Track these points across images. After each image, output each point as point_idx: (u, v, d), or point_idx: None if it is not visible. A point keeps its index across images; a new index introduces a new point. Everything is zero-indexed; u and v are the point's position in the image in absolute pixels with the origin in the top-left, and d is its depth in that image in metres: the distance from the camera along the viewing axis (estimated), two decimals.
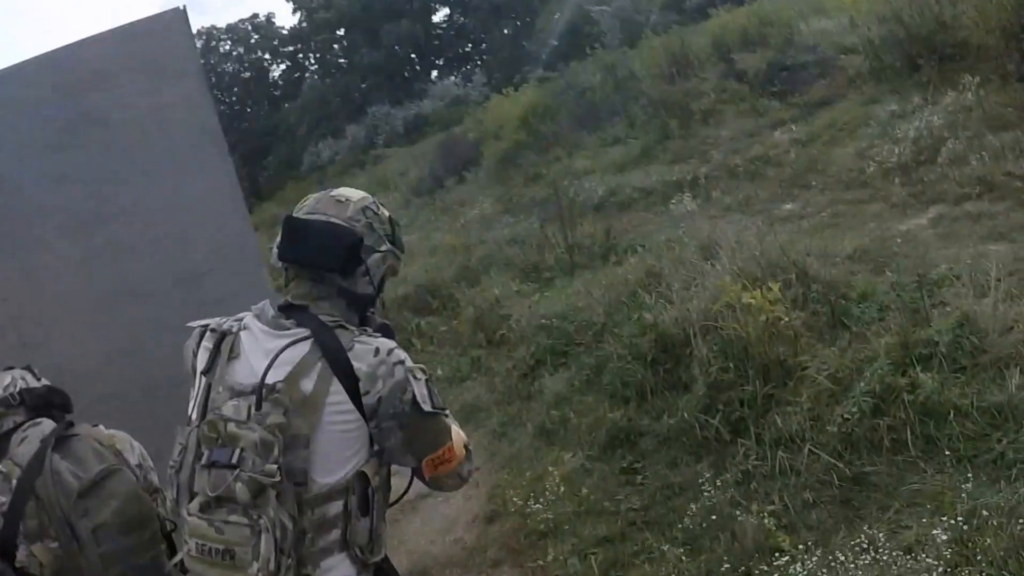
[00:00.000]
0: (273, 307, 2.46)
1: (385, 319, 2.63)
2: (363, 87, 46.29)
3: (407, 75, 47.77)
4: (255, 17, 52.89)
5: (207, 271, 4.86)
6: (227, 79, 52.14)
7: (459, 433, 2.62)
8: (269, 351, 2.32)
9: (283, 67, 53.61)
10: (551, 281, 10.14)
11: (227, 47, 53.05)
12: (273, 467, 2.15)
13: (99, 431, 3.06)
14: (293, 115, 47.33)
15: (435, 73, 48.26)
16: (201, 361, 2.45)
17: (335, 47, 49.87)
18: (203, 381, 2.42)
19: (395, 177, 23.99)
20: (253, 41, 52.94)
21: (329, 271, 2.44)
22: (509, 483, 6.45)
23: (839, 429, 5.05)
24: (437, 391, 2.46)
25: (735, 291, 5.99)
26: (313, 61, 52.16)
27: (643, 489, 5.69)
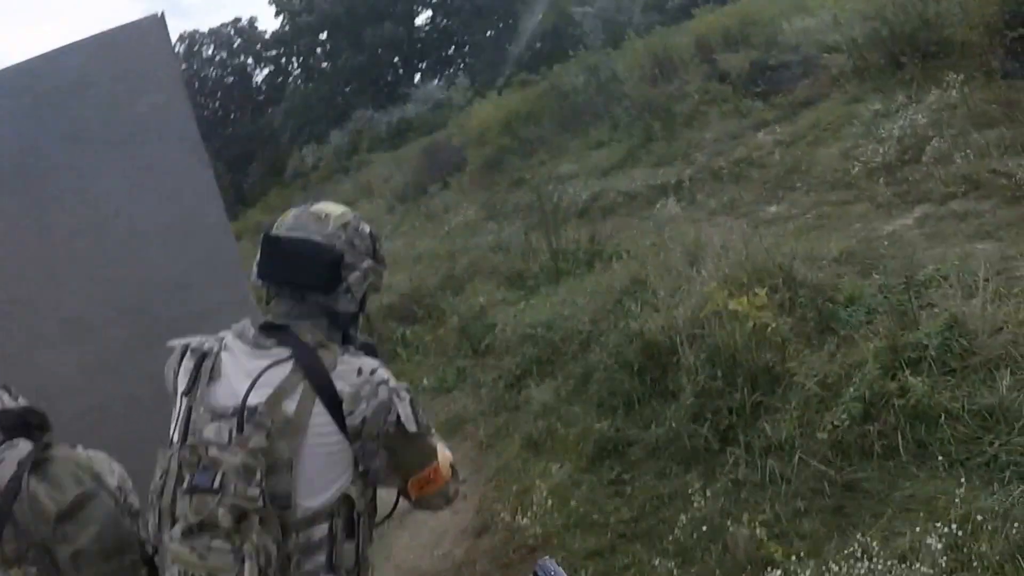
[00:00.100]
0: (254, 326, 2.42)
1: (369, 336, 2.60)
2: (346, 91, 46.36)
3: (390, 79, 47.86)
4: (238, 21, 53.11)
5: (189, 283, 4.79)
6: (210, 84, 52.25)
7: (445, 452, 2.61)
8: (250, 372, 2.29)
9: (266, 71, 53.75)
10: (536, 288, 10.12)
11: (210, 51, 53.18)
12: (256, 491, 2.12)
13: (77, 453, 3.00)
14: (276, 120, 47.44)
15: (418, 76, 48.36)
16: (182, 382, 2.41)
17: (318, 51, 49.87)
18: (184, 402, 2.38)
19: (379, 183, 24.00)
20: (236, 45, 53.05)
21: (310, 289, 2.41)
22: (497, 496, 6.42)
23: (829, 436, 4.99)
24: (422, 410, 2.42)
25: (721, 297, 5.93)
26: (296, 65, 52.21)
27: (632, 500, 5.64)
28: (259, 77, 54.12)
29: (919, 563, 3.91)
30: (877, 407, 4.95)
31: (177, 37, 51.39)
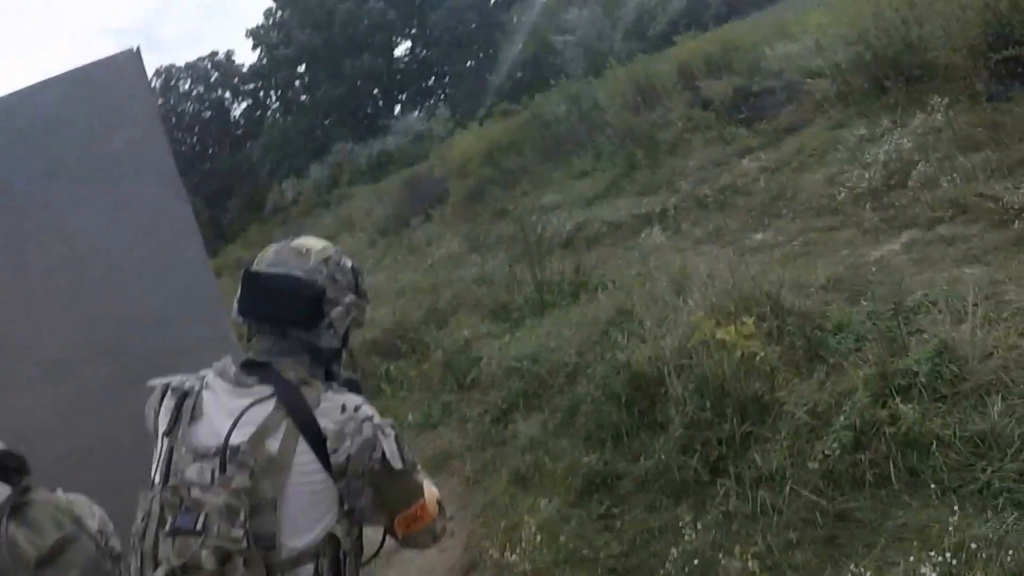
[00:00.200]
0: (235, 364, 2.39)
1: (352, 372, 2.55)
2: (325, 124, 46.49)
3: (370, 111, 48.02)
4: (215, 55, 53.31)
5: (168, 320, 4.74)
6: (187, 118, 52.36)
7: (431, 489, 2.60)
8: (232, 411, 2.27)
9: (244, 105, 53.91)
10: (521, 321, 10.04)
11: (187, 86, 53.31)
12: (239, 532, 2.09)
13: (56, 496, 2.94)
14: (255, 154, 47.51)
15: (398, 108, 48.50)
16: (162, 422, 2.39)
17: (296, 83, 50.08)
18: (165, 443, 2.36)
19: (360, 216, 24.03)
20: (213, 79, 53.18)
21: (292, 325, 2.39)
22: (485, 533, 6.34)
23: (820, 465, 4.94)
24: (408, 447, 2.41)
25: (709, 327, 5.90)
26: (274, 98, 52.41)
27: (622, 534, 5.57)
28: (237, 111, 54.41)
29: None
30: (868, 435, 4.89)
31: (153, 72, 51.80)
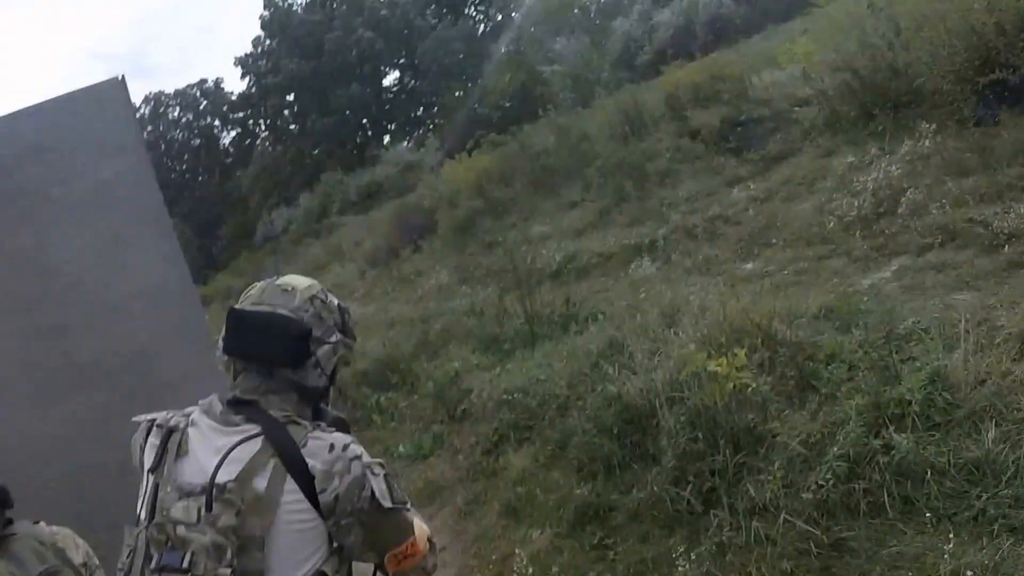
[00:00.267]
0: (221, 402, 2.37)
1: (343, 407, 2.53)
2: (315, 153, 46.53)
3: (359, 141, 48.08)
4: (204, 82, 53.46)
5: (155, 352, 4.70)
6: (176, 146, 52.51)
7: (422, 526, 2.59)
8: (219, 449, 2.25)
9: (233, 133, 53.96)
10: (511, 353, 10.01)
11: (176, 113, 53.39)
12: (226, 571, 2.08)
13: (40, 529, 2.93)
14: (245, 183, 47.52)
15: (387, 138, 48.58)
16: (148, 458, 2.38)
17: (285, 112, 50.15)
18: (151, 479, 2.34)
19: (350, 247, 24.04)
20: (202, 107, 53.27)
21: (278, 364, 2.36)
22: (476, 565, 6.34)
23: (814, 495, 4.93)
24: (397, 485, 2.40)
25: (700, 359, 5.90)
26: (264, 127, 52.47)
27: (615, 566, 5.55)
28: (226, 139, 54.53)
29: None
30: (862, 465, 4.89)
31: (142, 98, 52.03)
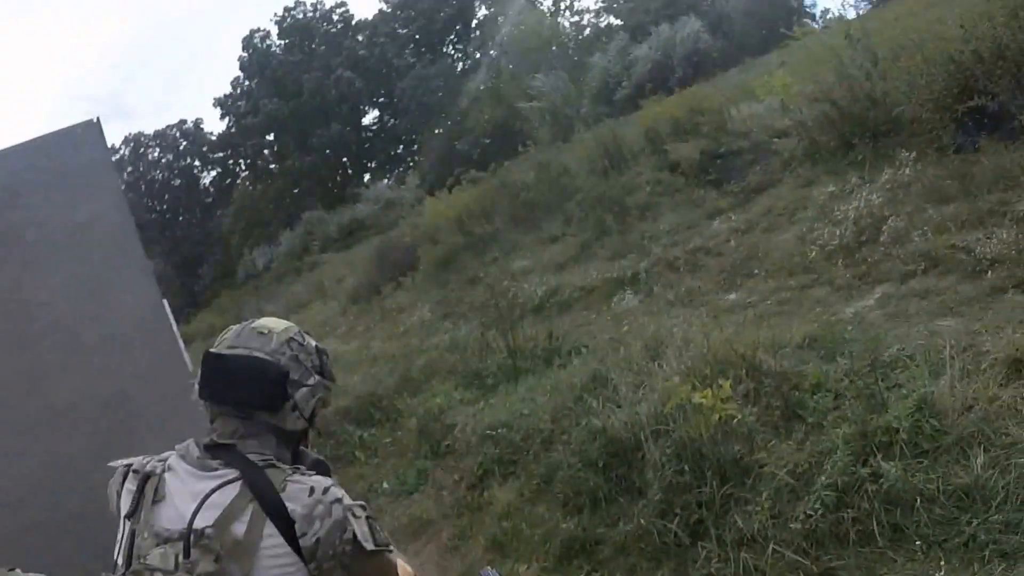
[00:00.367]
0: (199, 446, 2.32)
1: (320, 454, 2.48)
2: (295, 192, 46.56)
3: (339, 179, 48.13)
4: (183, 123, 53.44)
5: (132, 394, 4.64)
6: (157, 186, 52.42)
7: (406, 567, 2.56)
8: (196, 494, 2.20)
9: (214, 173, 53.94)
10: (495, 388, 10.00)
11: (156, 154, 53.34)
12: None
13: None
14: (226, 223, 47.50)
15: (368, 176, 48.65)
16: (124, 504, 2.32)
17: (265, 152, 50.21)
18: (127, 525, 2.28)
19: (332, 284, 24.09)
20: (182, 147, 53.28)
21: (256, 408, 2.32)
22: None
23: (802, 525, 4.92)
24: (379, 526, 2.34)
25: (685, 391, 5.88)
26: (243, 167, 52.49)
27: None
28: (207, 179, 54.46)
29: None
30: (850, 494, 4.88)
31: (122, 140, 51.93)
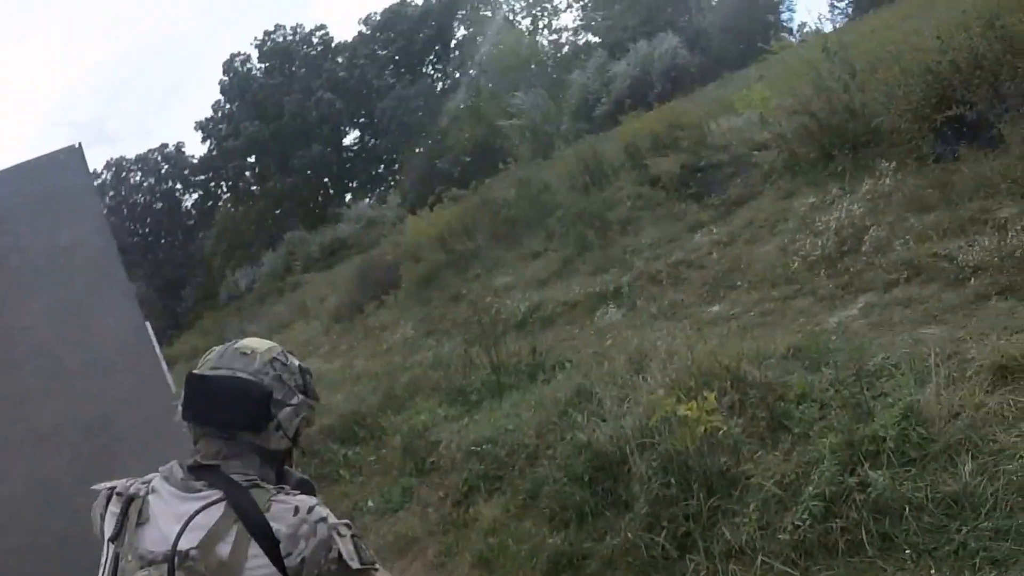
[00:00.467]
0: (182, 467, 2.30)
1: (304, 474, 2.46)
2: (277, 213, 46.54)
3: (321, 199, 48.14)
4: (165, 147, 53.51)
5: (115, 417, 4.62)
6: (139, 209, 52.44)
7: None
8: (180, 515, 2.19)
9: (195, 196, 53.95)
10: (479, 404, 9.98)
11: (137, 177, 53.35)
12: None
13: None
14: (208, 245, 47.48)
15: (349, 196, 48.69)
16: (108, 527, 2.30)
17: (247, 174, 50.20)
18: (111, 548, 2.27)
19: (314, 303, 24.06)
20: (163, 171, 53.30)
21: (239, 428, 2.31)
22: None
23: (791, 536, 4.90)
24: (365, 545, 2.33)
25: (670, 404, 5.87)
26: (225, 189, 52.49)
27: None
28: (188, 201, 54.51)
29: None
30: (838, 503, 4.87)
31: (104, 164, 51.86)
